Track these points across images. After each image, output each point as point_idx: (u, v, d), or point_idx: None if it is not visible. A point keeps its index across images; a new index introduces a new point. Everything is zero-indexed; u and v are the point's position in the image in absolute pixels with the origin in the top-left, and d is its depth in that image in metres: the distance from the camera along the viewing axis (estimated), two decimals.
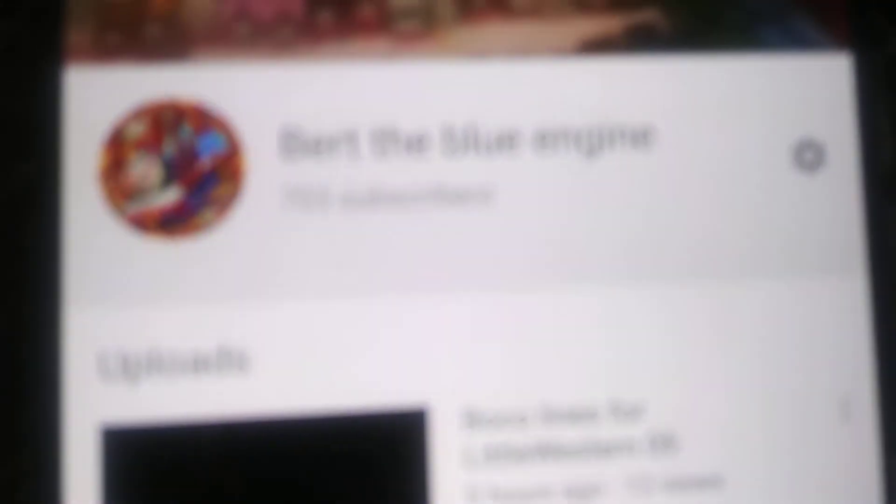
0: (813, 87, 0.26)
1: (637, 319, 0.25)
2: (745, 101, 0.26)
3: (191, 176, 0.24)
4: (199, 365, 0.24)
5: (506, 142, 0.25)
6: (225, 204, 0.24)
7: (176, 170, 0.24)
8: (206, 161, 0.24)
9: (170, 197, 0.24)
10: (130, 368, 0.23)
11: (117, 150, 0.24)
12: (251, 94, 0.24)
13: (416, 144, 0.25)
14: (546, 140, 0.25)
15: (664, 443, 0.25)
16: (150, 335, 0.24)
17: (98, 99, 0.24)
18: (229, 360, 0.24)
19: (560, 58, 0.25)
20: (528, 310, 0.25)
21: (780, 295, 0.25)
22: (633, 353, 0.25)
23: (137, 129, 0.24)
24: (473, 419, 0.24)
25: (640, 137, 0.25)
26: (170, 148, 0.24)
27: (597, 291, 0.25)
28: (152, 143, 0.24)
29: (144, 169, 0.24)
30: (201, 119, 0.24)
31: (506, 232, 0.25)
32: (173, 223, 0.24)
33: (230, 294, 0.24)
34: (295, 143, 0.24)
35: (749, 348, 0.25)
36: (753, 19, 0.26)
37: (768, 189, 0.25)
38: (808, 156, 0.26)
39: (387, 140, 0.25)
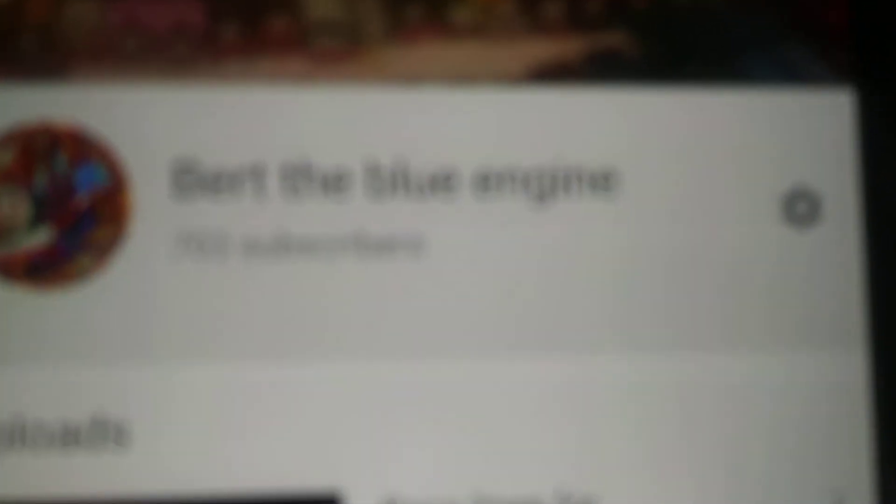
0: (808, 128, 0.25)
1: (592, 395, 0.24)
2: (726, 142, 0.24)
3: (65, 215, 0.23)
4: (68, 437, 0.22)
5: (441, 183, 0.24)
6: (105, 249, 0.23)
7: (47, 207, 0.23)
8: (83, 197, 0.23)
9: (39, 239, 0.23)
10: None
11: None
12: (139, 119, 0.23)
13: (335, 184, 0.24)
14: (489, 182, 0.24)
15: None
16: (11, 402, 0.22)
17: None
18: (104, 433, 0.22)
19: (508, 85, 0.24)
20: (462, 380, 0.23)
21: (764, 372, 0.24)
22: (587, 435, 0.24)
23: (3, 158, 0.23)
24: None
25: (601, 181, 0.24)
26: (41, 181, 0.23)
27: (543, 361, 0.24)
28: (20, 174, 0.23)
29: (10, 205, 0.23)
30: (79, 147, 0.23)
31: (438, 289, 0.23)
32: (42, 270, 0.23)
33: (108, 355, 0.23)
34: (190, 179, 0.23)
35: (725, 434, 0.24)
36: (738, 46, 0.25)
37: (752, 246, 0.24)
38: (801, 208, 0.25)
39: (299, 178, 0.23)
